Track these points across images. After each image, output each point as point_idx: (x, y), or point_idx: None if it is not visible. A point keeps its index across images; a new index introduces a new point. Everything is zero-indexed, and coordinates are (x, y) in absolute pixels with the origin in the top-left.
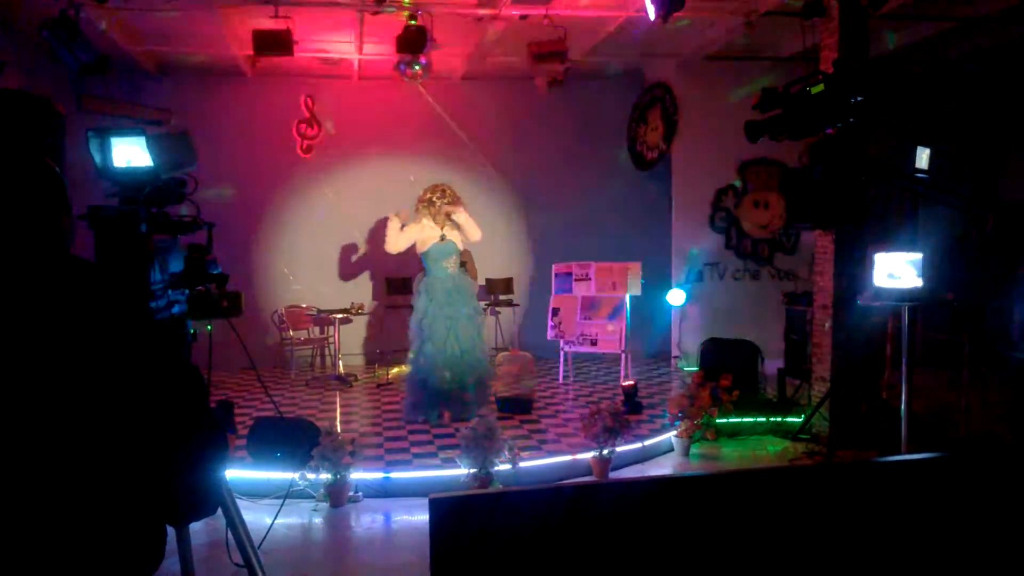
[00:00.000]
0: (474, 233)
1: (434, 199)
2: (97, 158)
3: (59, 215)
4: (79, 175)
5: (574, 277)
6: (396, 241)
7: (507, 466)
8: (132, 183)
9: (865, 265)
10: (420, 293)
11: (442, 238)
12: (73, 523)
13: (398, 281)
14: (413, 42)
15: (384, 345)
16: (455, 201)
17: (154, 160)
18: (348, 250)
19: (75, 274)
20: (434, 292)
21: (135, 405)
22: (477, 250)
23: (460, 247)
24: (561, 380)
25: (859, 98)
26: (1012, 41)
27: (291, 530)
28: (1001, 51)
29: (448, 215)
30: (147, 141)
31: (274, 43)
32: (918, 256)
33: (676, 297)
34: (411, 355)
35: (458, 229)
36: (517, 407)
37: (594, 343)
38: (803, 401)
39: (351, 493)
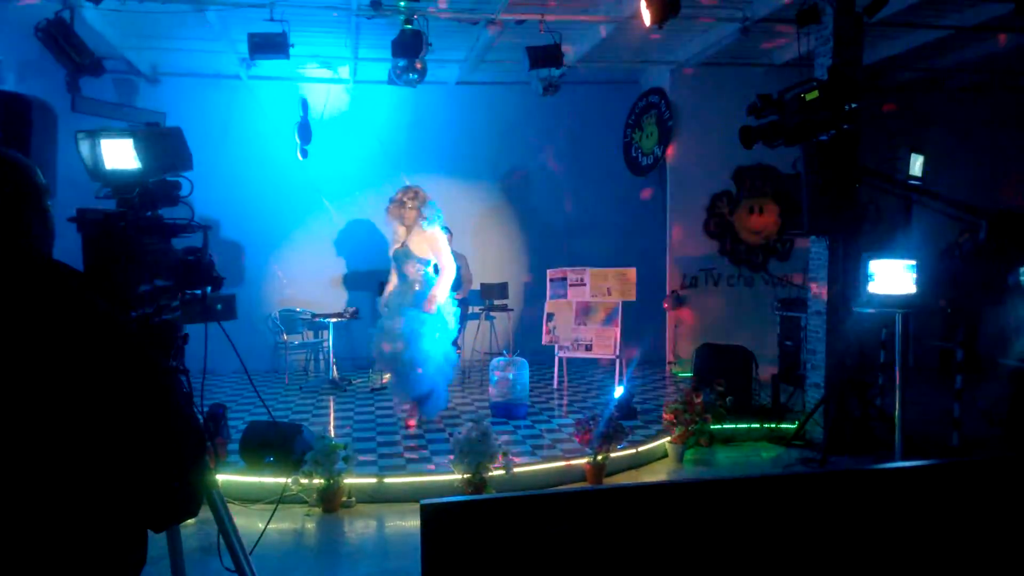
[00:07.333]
0: (449, 267)
1: (405, 200)
2: (87, 159)
3: (19, 209)
4: (75, 177)
5: (569, 282)
6: None
7: (501, 471)
8: (123, 185)
9: (859, 271)
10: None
11: (403, 244)
12: (47, 530)
13: None
14: (409, 46)
15: None
16: (419, 209)
17: (143, 161)
18: (343, 254)
19: (37, 275)
20: (386, 295)
21: (106, 410)
22: (473, 255)
23: (426, 256)
24: (555, 385)
25: (853, 105)
26: (1000, 51)
27: (283, 535)
28: (991, 61)
29: (416, 219)
30: (137, 142)
31: (269, 46)
32: (912, 263)
33: (670, 303)
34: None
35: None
36: (511, 412)
37: (588, 348)
38: (797, 407)
39: (344, 498)
